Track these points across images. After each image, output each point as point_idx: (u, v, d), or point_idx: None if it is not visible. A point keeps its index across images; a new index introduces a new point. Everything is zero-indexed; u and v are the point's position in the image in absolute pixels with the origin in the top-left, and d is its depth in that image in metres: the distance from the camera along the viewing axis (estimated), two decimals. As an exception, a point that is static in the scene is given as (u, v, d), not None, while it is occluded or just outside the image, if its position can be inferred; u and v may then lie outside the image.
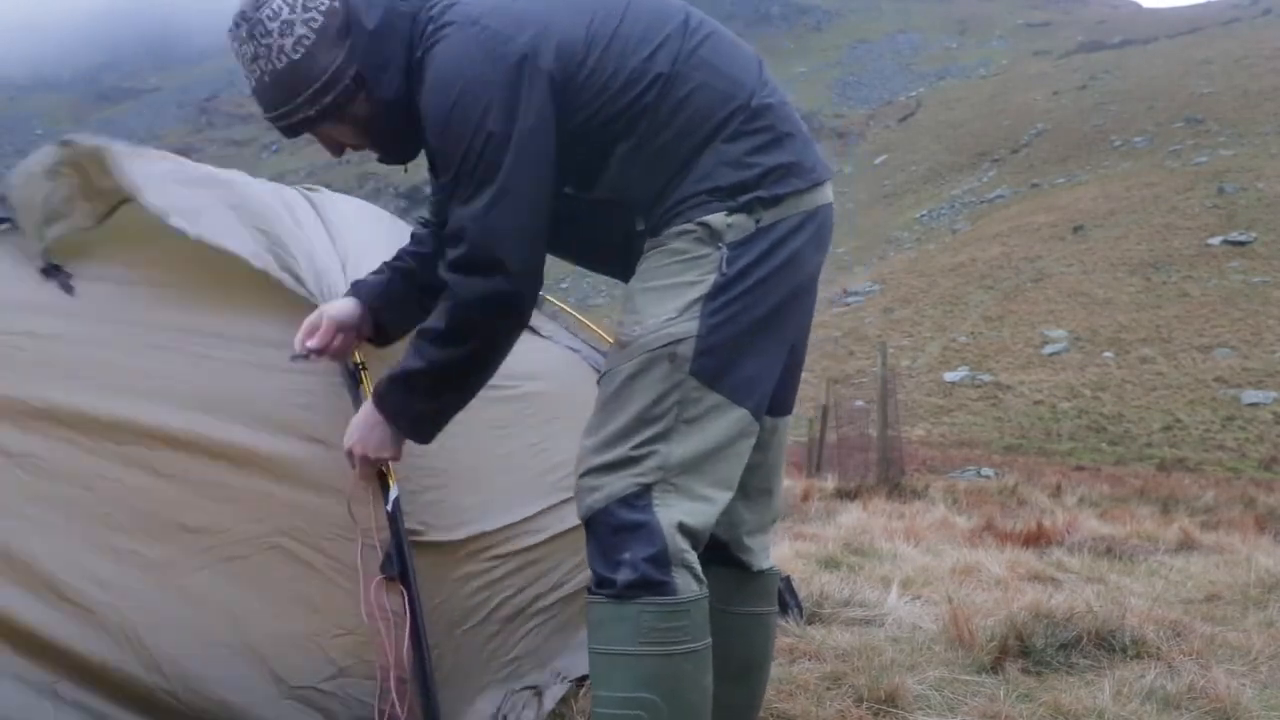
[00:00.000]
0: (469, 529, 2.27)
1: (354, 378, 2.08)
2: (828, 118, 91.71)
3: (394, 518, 1.93)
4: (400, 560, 1.92)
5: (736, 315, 1.59)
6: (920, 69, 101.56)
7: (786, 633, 3.07)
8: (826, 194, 1.78)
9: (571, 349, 3.11)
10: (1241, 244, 36.54)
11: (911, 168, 76.39)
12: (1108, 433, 25.14)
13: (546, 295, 3.22)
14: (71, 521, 1.97)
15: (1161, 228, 40.29)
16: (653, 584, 1.51)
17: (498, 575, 2.34)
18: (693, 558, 1.56)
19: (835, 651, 2.84)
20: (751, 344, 1.62)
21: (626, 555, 1.53)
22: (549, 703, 2.33)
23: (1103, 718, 2.32)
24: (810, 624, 3.22)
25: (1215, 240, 37.36)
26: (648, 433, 1.57)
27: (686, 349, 1.57)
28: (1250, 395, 25.80)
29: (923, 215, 64.19)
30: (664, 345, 1.57)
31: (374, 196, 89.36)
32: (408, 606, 1.91)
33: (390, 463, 1.94)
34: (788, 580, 3.43)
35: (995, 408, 27.64)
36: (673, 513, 1.55)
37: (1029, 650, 2.78)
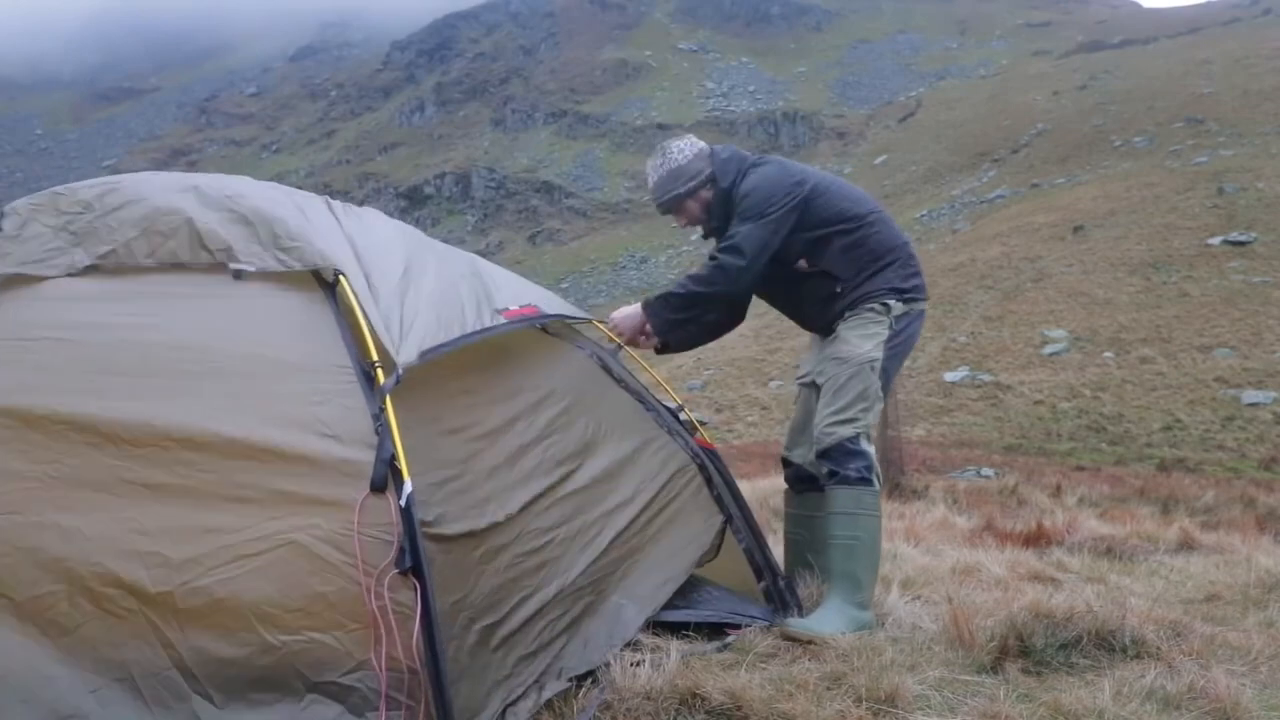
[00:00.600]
0: (491, 516, 2.31)
1: (368, 376, 2.12)
2: (828, 118, 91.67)
3: (407, 513, 1.97)
4: (414, 554, 1.95)
5: (893, 352, 3.38)
6: (920, 69, 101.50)
7: (787, 633, 3.07)
8: (925, 305, 3.60)
9: (577, 346, 3.17)
10: (1241, 244, 36.49)
11: (911, 168, 76.33)
12: (1108, 433, 25.12)
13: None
14: (97, 526, 2.00)
15: (1161, 228, 40.25)
16: (867, 480, 3.24)
17: (514, 575, 2.37)
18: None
19: (835, 651, 2.84)
20: (892, 367, 3.41)
21: (853, 466, 3.23)
22: (548, 693, 2.35)
23: (1103, 718, 2.32)
24: (810, 624, 3.21)
25: (1215, 240, 37.31)
26: (861, 405, 3.29)
27: (878, 364, 3.32)
28: (1250, 395, 25.76)
29: (923, 215, 64.15)
30: (868, 361, 3.31)
31: (374, 196, 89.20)
32: (420, 599, 1.94)
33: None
34: (788, 580, 3.43)
35: (995, 408, 27.62)
36: (870, 447, 3.30)
37: (1029, 650, 2.77)
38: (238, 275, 2.30)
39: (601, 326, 3.44)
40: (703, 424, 3.52)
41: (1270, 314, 30.82)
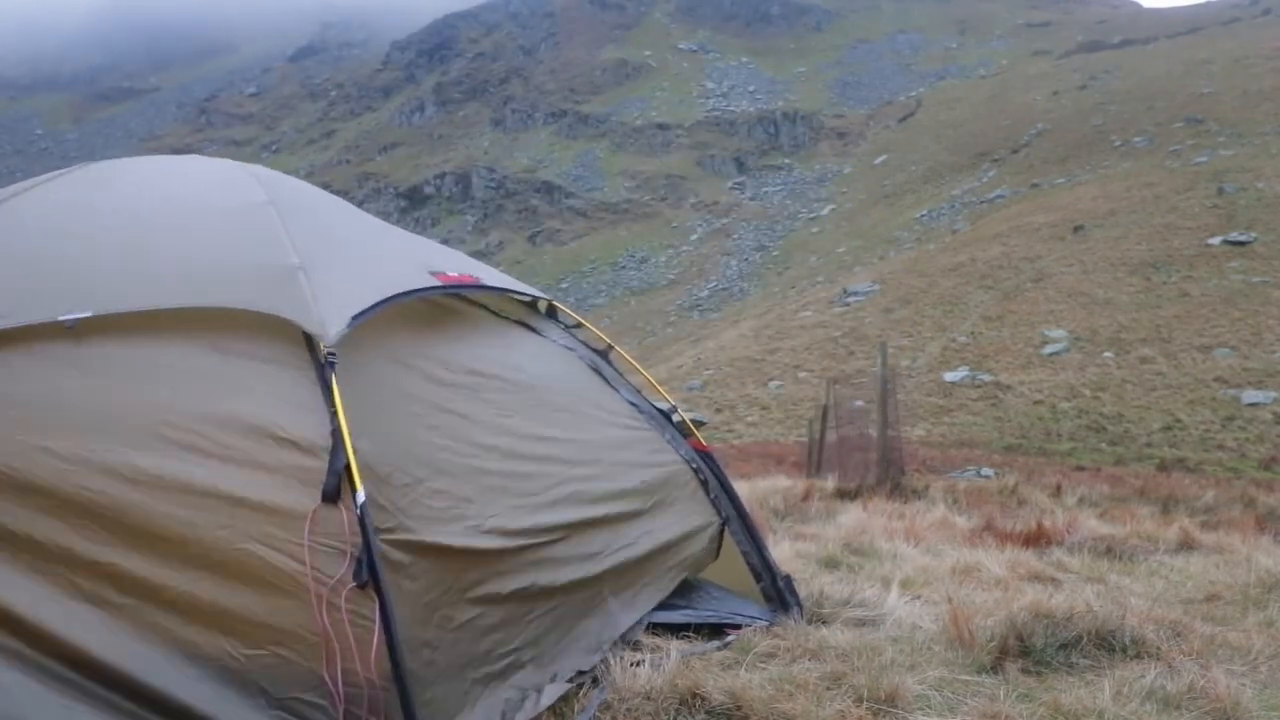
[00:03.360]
0: (475, 517, 2.27)
1: (324, 375, 2.05)
2: (828, 118, 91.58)
3: (363, 522, 1.90)
4: (370, 566, 1.88)
5: None
6: (920, 69, 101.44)
7: (786, 633, 3.06)
8: None
9: (568, 348, 3.16)
10: (1241, 244, 36.49)
11: (911, 168, 76.30)
12: (1108, 433, 25.11)
13: (552, 300, 3.24)
14: (49, 537, 1.92)
15: (1161, 228, 40.24)
16: None
17: (498, 573, 2.35)
18: None
19: (835, 651, 2.84)
20: None
21: None
22: (547, 700, 2.34)
23: (1103, 718, 2.32)
24: (810, 624, 3.22)
25: (1215, 240, 37.31)
26: None
27: None
28: (1250, 395, 25.76)
29: (923, 215, 64.13)
30: None
31: (374, 196, 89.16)
32: (379, 612, 1.88)
33: (358, 464, 1.95)
34: (788, 579, 3.43)
35: (995, 408, 27.61)
36: None
37: (1029, 650, 2.77)
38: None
39: (589, 324, 3.39)
40: (702, 424, 3.52)
41: (1270, 314, 30.81)
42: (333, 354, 2.05)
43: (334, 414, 1.99)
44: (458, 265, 2.79)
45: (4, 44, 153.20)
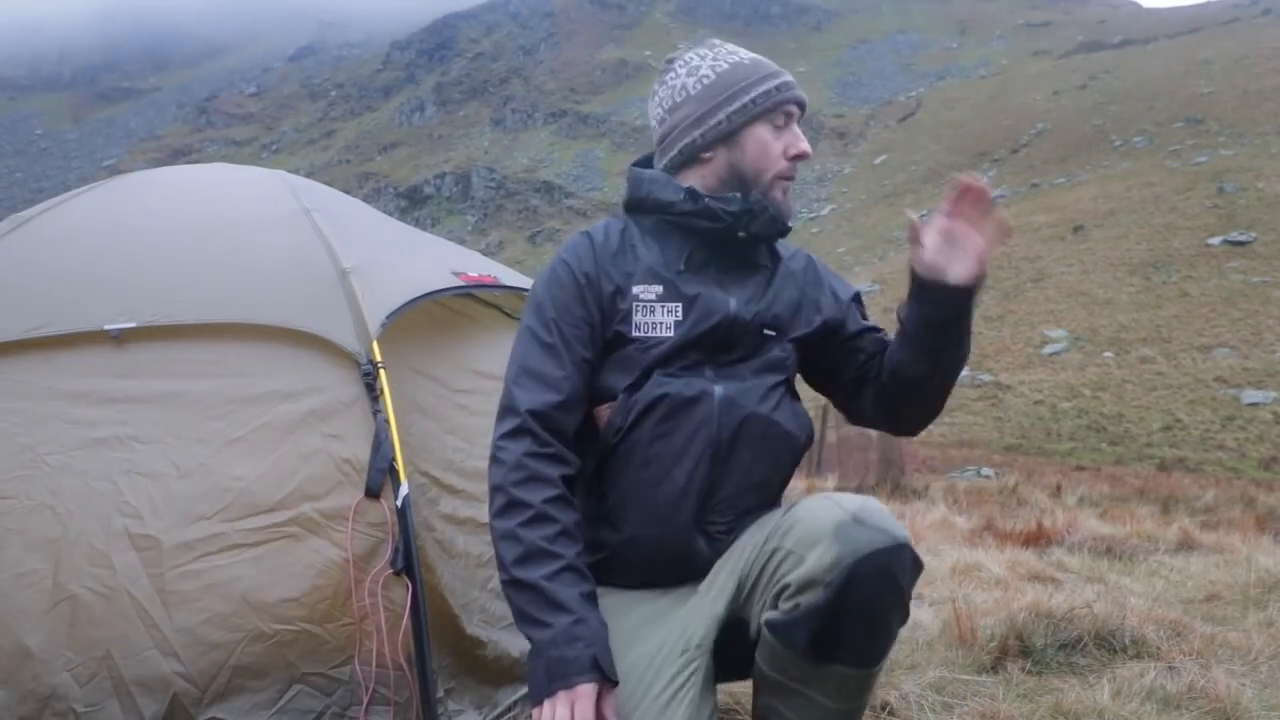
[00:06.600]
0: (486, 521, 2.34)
1: (370, 376, 2.10)
2: (828, 118, 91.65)
3: (403, 514, 1.99)
4: (407, 556, 1.96)
5: None
6: (920, 69, 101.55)
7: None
8: None
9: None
10: (1241, 244, 36.50)
11: (911, 168, 76.35)
12: (1108, 433, 25.13)
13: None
14: (92, 509, 1.99)
15: (1161, 228, 40.26)
16: None
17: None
18: None
19: (835, 651, 2.84)
20: None
21: None
22: None
23: (1103, 718, 2.32)
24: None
25: (1215, 240, 37.32)
26: None
27: None
28: (1250, 395, 25.77)
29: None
30: None
31: (374, 196, 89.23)
32: (410, 599, 1.96)
33: (400, 464, 2.03)
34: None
35: (995, 408, 27.62)
36: None
37: (1029, 650, 2.77)
38: None
39: None
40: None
41: (1270, 314, 30.82)
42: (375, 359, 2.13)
43: (378, 411, 2.05)
44: (477, 265, 2.82)
45: (4, 44, 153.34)
